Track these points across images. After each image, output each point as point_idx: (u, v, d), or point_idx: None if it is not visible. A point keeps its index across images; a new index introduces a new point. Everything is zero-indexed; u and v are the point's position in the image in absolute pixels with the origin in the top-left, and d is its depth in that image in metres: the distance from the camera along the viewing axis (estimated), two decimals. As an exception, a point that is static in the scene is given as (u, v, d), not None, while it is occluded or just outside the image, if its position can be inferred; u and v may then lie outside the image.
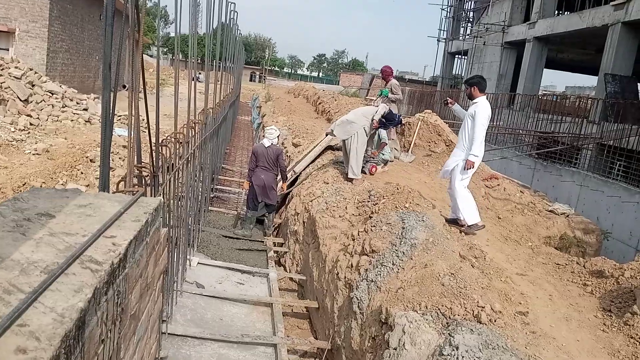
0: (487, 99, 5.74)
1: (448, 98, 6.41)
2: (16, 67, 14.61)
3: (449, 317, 3.62)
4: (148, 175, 3.57)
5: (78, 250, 1.11)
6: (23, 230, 1.27)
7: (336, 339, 4.93)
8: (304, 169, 9.34)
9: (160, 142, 3.99)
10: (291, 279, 7.23)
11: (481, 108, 5.56)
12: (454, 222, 5.91)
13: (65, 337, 0.86)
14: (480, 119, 5.53)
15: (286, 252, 7.77)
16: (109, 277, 1.12)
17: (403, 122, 9.82)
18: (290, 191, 8.83)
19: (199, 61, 20.36)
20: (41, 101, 14.09)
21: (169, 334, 4.63)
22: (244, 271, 6.83)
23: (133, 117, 2.29)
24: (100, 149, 1.99)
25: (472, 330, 3.37)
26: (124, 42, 2.47)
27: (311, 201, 7.35)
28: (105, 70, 2.07)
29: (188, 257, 6.16)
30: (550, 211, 7.78)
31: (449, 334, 3.39)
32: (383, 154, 8.47)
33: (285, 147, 11.13)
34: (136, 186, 2.88)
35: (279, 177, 8.25)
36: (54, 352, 0.81)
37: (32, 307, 0.90)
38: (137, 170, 3.22)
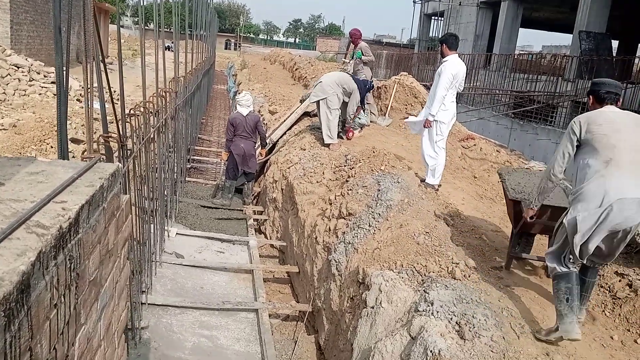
0: (459, 57, 5.68)
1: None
2: (-22, 41, 14.04)
3: (424, 275, 3.68)
4: (123, 145, 3.49)
5: (23, 215, 1.07)
6: (-31, 198, 1.22)
7: (316, 301, 5.00)
8: (281, 137, 9.26)
9: (128, 111, 3.90)
10: (272, 245, 7.26)
11: (447, 66, 5.49)
12: None
13: (4, 300, 0.84)
14: (442, 78, 5.47)
15: (266, 219, 7.77)
16: (57, 241, 1.09)
17: (374, 86, 9.72)
18: (269, 159, 8.78)
19: (169, 30, 19.81)
20: (6, 75, 13.58)
21: (149, 304, 4.63)
22: (223, 240, 6.83)
23: (89, 82, 2.21)
24: (57, 115, 1.92)
25: (446, 286, 3.44)
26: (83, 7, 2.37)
27: (289, 168, 7.32)
28: (56, 34, 1.98)
29: (166, 227, 6.12)
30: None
31: (424, 290, 3.45)
32: (359, 118, 8.42)
33: (262, 115, 10.99)
34: (102, 155, 2.81)
35: (258, 144, 8.18)
36: (-10, 315, 0.80)
37: (-29, 272, 0.87)
38: (104, 139, 3.14)
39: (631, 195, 2.85)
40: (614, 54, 20.58)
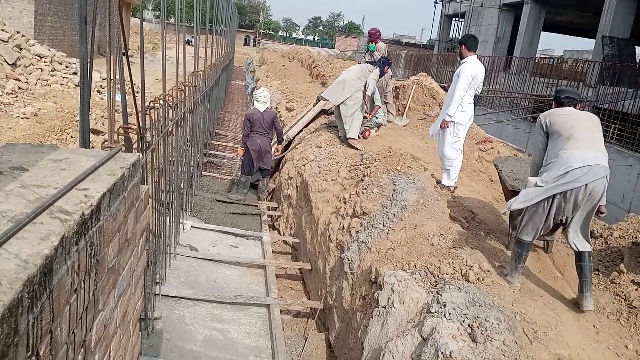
0: (478, 59, 5.64)
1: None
2: (2, 30, 14.26)
3: (437, 276, 3.66)
4: (142, 137, 3.53)
5: (47, 200, 1.09)
6: (-6, 182, 1.25)
7: (328, 299, 5.01)
8: (298, 134, 9.28)
9: (148, 104, 3.94)
10: (285, 242, 7.28)
11: (466, 67, 5.45)
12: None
13: (29, 282, 0.86)
14: (461, 79, 5.43)
15: (280, 216, 7.80)
16: (79, 227, 1.11)
17: (391, 62, 9.46)
18: (284, 155, 8.80)
19: (190, 24, 19.94)
20: (29, 65, 13.80)
21: (162, 295, 4.67)
22: (237, 234, 6.86)
23: (112, 74, 2.24)
24: (80, 104, 1.95)
25: (459, 288, 3.42)
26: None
27: (304, 165, 7.33)
28: (81, 25, 2.01)
29: (181, 220, 6.17)
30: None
31: (436, 292, 3.43)
32: (377, 118, 8.40)
33: (279, 111, 11.02)
34: (122, 146, 2.85)
35: (274, 140, 8.20)
36: (15, 296, 0.82)
37: (-5, 253, 0.89)
38: (124, 130, 3.17)
39: (588, 163, 3.50)
40: (638, 60, 20.22)
